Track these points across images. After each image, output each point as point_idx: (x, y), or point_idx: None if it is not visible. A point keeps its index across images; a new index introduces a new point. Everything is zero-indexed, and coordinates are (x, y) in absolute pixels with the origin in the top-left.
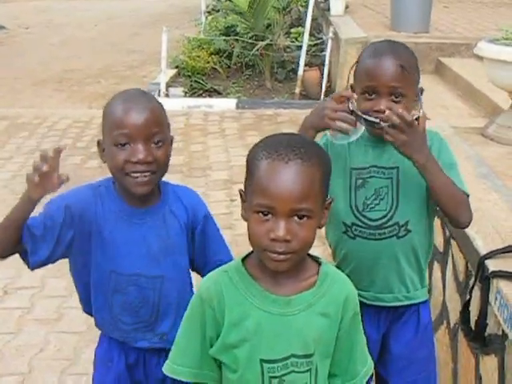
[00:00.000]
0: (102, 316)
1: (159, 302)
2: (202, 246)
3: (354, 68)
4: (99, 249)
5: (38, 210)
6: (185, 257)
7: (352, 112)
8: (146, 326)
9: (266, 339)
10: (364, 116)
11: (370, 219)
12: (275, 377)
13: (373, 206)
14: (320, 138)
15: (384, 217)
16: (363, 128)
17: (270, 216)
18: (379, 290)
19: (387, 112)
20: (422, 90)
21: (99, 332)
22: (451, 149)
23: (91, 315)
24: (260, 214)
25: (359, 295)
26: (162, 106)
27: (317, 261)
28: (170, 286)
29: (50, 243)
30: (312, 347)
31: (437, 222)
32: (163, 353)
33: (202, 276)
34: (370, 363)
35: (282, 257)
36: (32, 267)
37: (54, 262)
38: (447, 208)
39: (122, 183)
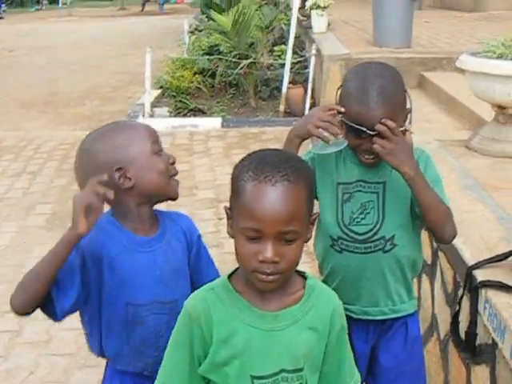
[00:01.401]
0: (122, 351)
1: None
2: (196, 267)
3: (339, 92)
4: (112, 283)
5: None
6: (189, 278)
7: (341, 122)
8: None
9: (256, 355)
10: (352, 124)
11: (356, 233)
12: None
13: (359, 220)
14: (306, 152)
15: (370, 231)
16: (345, 143)
17: (257, 237)
18: (365, 304)
19: (376, 126)
20: (409, 110)
21: (89, 354)
22: (436, 166)
23: (103, 356)
24: (248, 235)
25: (346, 309)
26: None
27: (302, 275)
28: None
29: (75, 287)
30: (301, 361)
31: (424, 235)
32: None
33: None
34: (358, 376)
35: (270, 277)
36: (60, 315)
37: (77, 309)
38: (433, 222)
39: None
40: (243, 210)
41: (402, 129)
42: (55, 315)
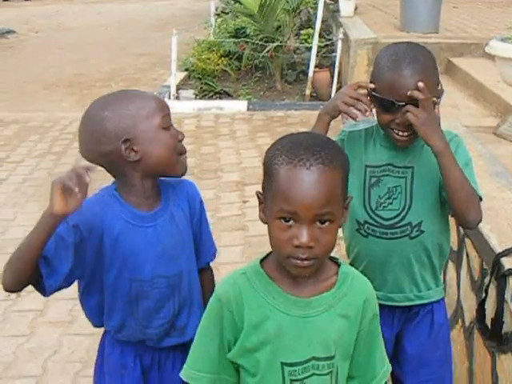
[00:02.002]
0: (124, 324)
1: (178, 297)
2: (198, 234)
3: (371, 70)
4: (116, 259)
5: None
6: (193, 246)
7: (370, 96)
8: (168, 323)
9: (287, 342)
10: (384, 97)
11: (383, 218)
12: (296, 380)
13: (386, 204)
14: (337, 135)
15: (396, 216)
16: (375, 121)
17: (292, 222)
18: (390, 290)
19: (409, 93)
20: (442, 92)
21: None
22: (467, 149)
23: (101, 326)
24: (282, 220)
25: None
26: None
27: (336, 262)
28: (186, 280)
29: (66, 264)
30: (333, 349)
31: (452, 221)
32: (178, 354)
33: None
34: (388, 366)
35: (305, 263)
36: (48, 292)
37: (69, 284)
38: (457, 203)
39: None
40: (278, 194)
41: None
42: (44, 291)
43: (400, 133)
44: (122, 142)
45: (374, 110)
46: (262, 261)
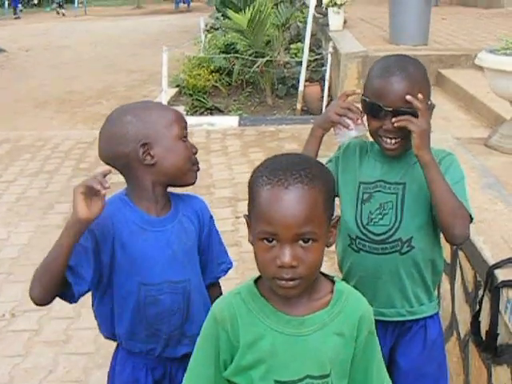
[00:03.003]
0: (134, 331)
1: (188, 305)
2: (207, 249)
3: (363, 85)
4: (125, 263)
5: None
6: (198, 259)
7: (363, 105)
8: (179, 331)
9: (281, 360)
10: (372, 101)
11: (374, 233)
12: None
13: (377, 220)
14: (333, 154)
15: (387, 232)
16: (366, 129)
17: (274, 242)
18: (382, 305)
19: (408, 97)
20: (433, 106)
21: (108, 353)
22: (460, 167)
23: (114, 340)
24: (264, 240)
25: None
26: None
27: (331, 279)
28: (194, 288)
29: (90, 269)
30: (328, 367)
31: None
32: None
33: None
34: (389, 382)
35: (290, 283)
36: (77, 298)
37: (90, 289)
38: (442, 216)
39: None
40: (258, 215)
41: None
42: (72, 298)
43: (388, 140)
44: (141, 145)
45: (364, 119)
46: (256, 280)
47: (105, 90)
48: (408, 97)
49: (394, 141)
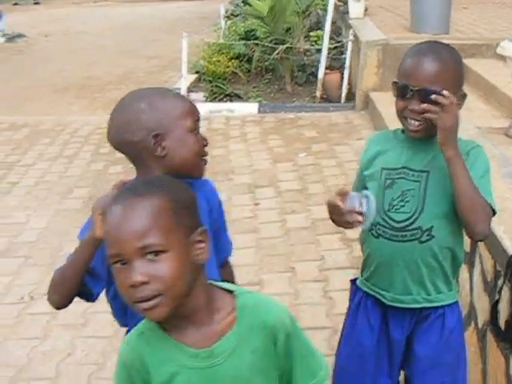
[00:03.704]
0: None
1: None
2: (217, 232)
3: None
4: None
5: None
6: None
7: (393, 84)
8: None
9: None
10: (400, 81)
11: (394, 220)
12: None
13: (398, 207)
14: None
15: (408, 219)
16: (373, 214)
17: (125, 264)
18: (398, 292)
19: (433, 96)
20: (464, 96)
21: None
22: (487, 160)
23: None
24: (118, 264)
25: (380, 295)
26: None
27: (233, 293)
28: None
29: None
30: None
31: None
32: None
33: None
34: (323, 373)
35: (151, 303)
36: (95, 298)
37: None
38: (464, 211)
39: None
40: (106, 240)
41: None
42: (91, 298)
43: (412, 121)
44: (153, 136)
45: (364, 201)
46: None
47: (124, 75)
48: (433, 96)
49: (417, 123)
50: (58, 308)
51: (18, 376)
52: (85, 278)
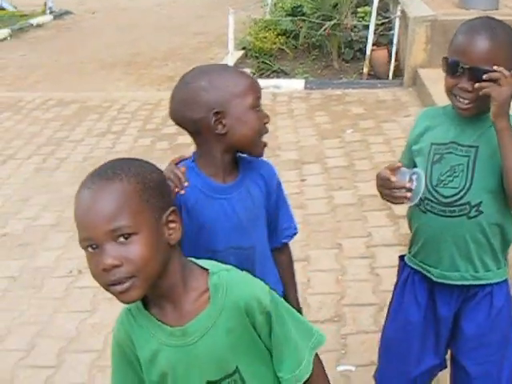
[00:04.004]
0: None
1: (251, 272)
2: (274, 214)
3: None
4: (191, 230)
5: None
6: (266, 224)
7: (443, 60)
8: None
9: (180, 372)
10: (452, 58)
11: (442, 195)
12: None
13: (446, 182)
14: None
15: (456, 194)
16: (420, 190)
17: (97, 248)
18: (446, 268)
19: (485, 76)
20: None
21: None
22: None
23: None
24: (89, 248)
25: (428, 271)
26: None
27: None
28: (259, 256)
29: None
30: (231, 365)
31: None
32: None
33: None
34: (316, 339)
35: (124, 286)
36: None
37: None
38: (511, 185)
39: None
40: (76, 225)
41: None
42: None
43: (462, 99)
44: (213, 114)
45: (413, 176)
46: None
47: (171, 51)
48: (485, 76)
49: (467, 101)
50: None
51: (67, 347)
52: None
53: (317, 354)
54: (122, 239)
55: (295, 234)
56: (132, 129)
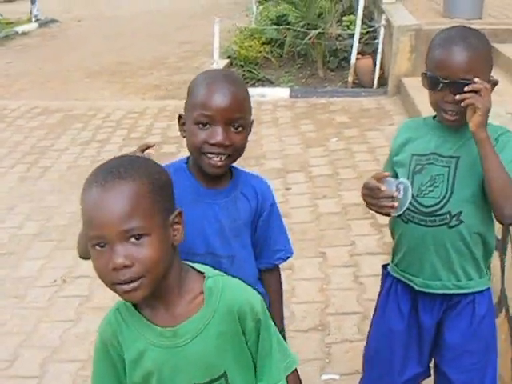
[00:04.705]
0: None
1: None
2: (263, 234)
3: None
4: None
5: None
6: (249, 239)
7: (423, 76)
8: None
9: (166, 374)
10: (432, 74)
11: (423, 205)
12: None
13: (427, 192)
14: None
15: (436, 204)
16: (407, 200)
17: (106, 247)
18: (428, 277)
19: (466, 88)
20: (495, 82)
21: None
22: None
23: None
24: (96, 247)
25: (410, 280)
26: (246, 90)
27: (204, 275)
28: (241, 265)
29: None
30: (220, 369)
31: None
32: None
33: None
34: (290, 361)
35: (132, 285)
36: None
37: None
38: (493, 194)
39: (197, 161)
40: (84, 222)
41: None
42: None
43: (449, 112)
44: (178, 117)
45: (401, 186)
46: None
47: (156, 60)
48: (466, 88)
49: (455, 113)
50: (85, 259)
51: (51, 357)
52: None
53: (296, 370)
54: (133, 239)
55: (289, 257)
56: (117, 137)
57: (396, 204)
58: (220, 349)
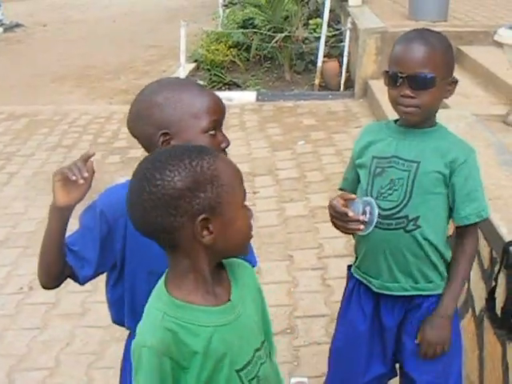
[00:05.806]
0: None
1: None
2: None
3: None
4: (135, 251)
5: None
6: None
7: (384, 74)
8: None
9: (235, 349)
10: (391, 70)
11: (381, 208)
12: (252, 378)
13: (386, 195)
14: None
15: (394, 208)
16: (374, 220)
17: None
18: (386, 279)
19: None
20: (455, 81)
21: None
22: (479, 170)
23: (119, 323)
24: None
25: (369, 282)
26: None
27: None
28: None
29: (94, 255)
30: (262, 332)
31: None
32: None
33: None
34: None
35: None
36: (82, 282)
37: (105, 271)
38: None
39: None
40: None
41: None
42: (77, 280)
43: (405, 107)
44: (161, 135)
45: (367, 209)
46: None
47: (123, 65)
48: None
49: (411, 107)
50: (48, 288)
51: (17, 366)
52: (69, 259)
53: None
54: None
55: (253, 267)
56: (83, 142)
57: (362, 227)
58: (257, 312)
